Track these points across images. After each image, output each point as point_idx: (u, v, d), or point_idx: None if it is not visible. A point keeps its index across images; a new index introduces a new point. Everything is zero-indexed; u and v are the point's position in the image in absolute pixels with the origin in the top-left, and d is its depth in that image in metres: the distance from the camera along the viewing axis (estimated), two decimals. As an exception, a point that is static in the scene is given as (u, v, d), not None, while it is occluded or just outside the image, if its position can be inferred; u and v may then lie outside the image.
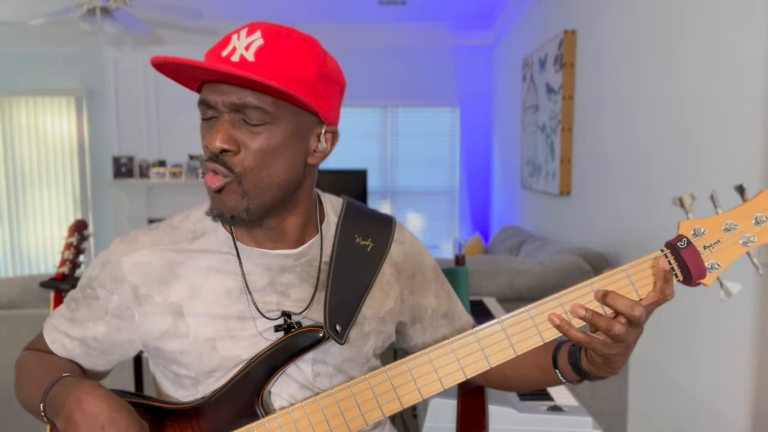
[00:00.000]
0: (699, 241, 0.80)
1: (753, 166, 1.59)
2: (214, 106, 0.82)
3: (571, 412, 1.38)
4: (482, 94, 5.61)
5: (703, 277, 0.81)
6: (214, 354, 0.89)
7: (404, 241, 1.02)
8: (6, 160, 5.56)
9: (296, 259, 0.93)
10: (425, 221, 5.83)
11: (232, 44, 0.82)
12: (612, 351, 0.80)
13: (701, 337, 1.87)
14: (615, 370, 0.84)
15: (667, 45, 2.06)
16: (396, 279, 0.99)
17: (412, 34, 5.45)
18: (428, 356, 0.83)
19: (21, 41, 5.33)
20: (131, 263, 0.91)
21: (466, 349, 0.82)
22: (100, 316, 0.93)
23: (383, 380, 0.83)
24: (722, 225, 0.80)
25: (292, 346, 0.88)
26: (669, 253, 0.81)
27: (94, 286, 0.93)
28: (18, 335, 2.30)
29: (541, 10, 3.74)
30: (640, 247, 2.29)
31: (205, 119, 0.85)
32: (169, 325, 0.89)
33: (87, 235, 1.94)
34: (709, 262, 0.80)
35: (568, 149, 3.11)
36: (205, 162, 0.84)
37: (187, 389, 0.93)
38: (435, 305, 1.04)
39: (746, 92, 1.62)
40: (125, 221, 5.49)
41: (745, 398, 1.66)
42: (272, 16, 5.93)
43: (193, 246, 0.92)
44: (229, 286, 0.90)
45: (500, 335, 0.82)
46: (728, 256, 0.80)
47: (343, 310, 0.91)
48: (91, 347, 0.95)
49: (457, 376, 0.82)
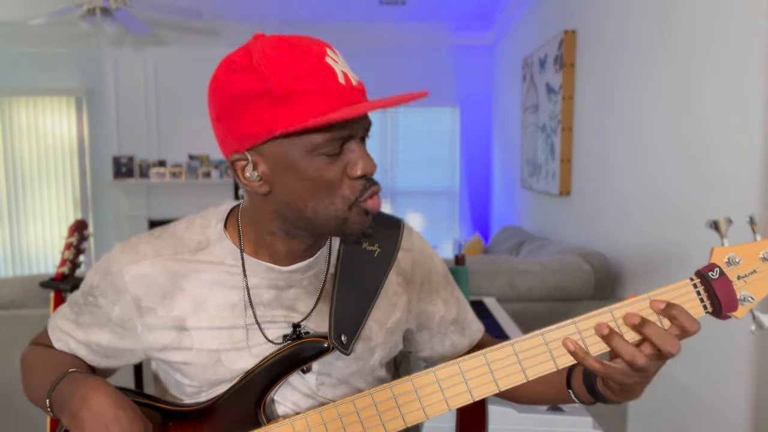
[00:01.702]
0: (733, 270, 0.74)
1: (753, 166, 1.59)
2: (352, 137, 0.79)
3: (571, 412, 1.38)
4: (482, 94, 5.61)
5: (735, 310, 0.74)
6: (219, 366, 0.88)
7: (412, 248, 0.99)
8: (6, 160, 5.56)
9: (303, 272, 0.91)
10: (425, 221, 5.82)
11: (337, 69, 0.77)
12: (630, 381, 0.75)
13: (701, 336, 1.87)
14: (633, 397, 0.80)
15: (667, 45, 2.06)
16: (404, 289, 0.97)
17: (412, 34, 5.45)
18: (435, 375, 0.79)
19: (21, 41, 5.33)
20: (133, 274, 0.88)
21: (475, 371, 0.78)
22: (103, 324, 0.92)
23: (387, 397, 0.81)
24: (760, 254, 0.74)
25: (295, 355, 0.87)
26: (699, 283, 0.75)
27: (96, 294, 0.91)
28: (18, 335, 2.30)
29: (541, 10, 3.74)
30: (640, 247, 2.29)
31: (331, 155, 0.78)
32: (173, 338, 0.89)
33: (87, 235, 1.94)
34: (742, 294, 0.74)
35: (568, 149, 3.11)
36: (370, 187, 0.81)
37: (189, 397, 0.93)
38: (443, 312, 1.01)
39: (747, 91, 1.62)
40: (125, 221, 5.49)
41: (745, 398, 1.66)
42: (272, 16, 5.92)
43: (197, 257, 0.89)
44: (234, 300, 0.88)
45: (512, 359, 0.77)
46: (763, 288, 0.74)
47: (349, 320, 0.88)
48: (96, 351, 0.95)
49: (465, 398, 0.79)
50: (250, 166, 0.79)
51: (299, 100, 0.74)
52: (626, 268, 2.41)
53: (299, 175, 0.78)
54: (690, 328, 0.72)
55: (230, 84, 0.76)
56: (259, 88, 0.74)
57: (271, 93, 0.74)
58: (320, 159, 0.77)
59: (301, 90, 0.74)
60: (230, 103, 0.77)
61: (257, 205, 0.85)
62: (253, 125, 0.76)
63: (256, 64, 0.75)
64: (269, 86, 0.74)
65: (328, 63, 0.77)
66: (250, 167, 0.79)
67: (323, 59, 0.76)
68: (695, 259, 1.88)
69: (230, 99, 0.76)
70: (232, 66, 0.77)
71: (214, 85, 0.79)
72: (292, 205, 0.81)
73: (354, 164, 0.79)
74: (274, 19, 5.14)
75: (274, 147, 0.77)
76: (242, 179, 0.81)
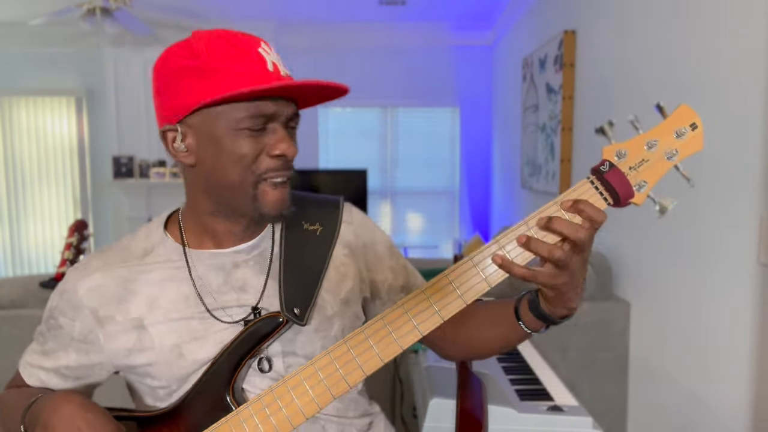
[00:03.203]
0: (623, 163, 0.81)
1: (753, 165, 1.59)
2: (275, 118, 0.86)
3: (571, 412, 1.38)
4: (482, 94, 5.61)
5: (632, 197, 0.81)
6: (182, 360, 0.90)
7: (353, 221, 1.04)
8: (6, 160, 5.56)
9: (248, 252, 0.95)
10: (425, 221, 5.83)
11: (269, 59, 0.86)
12: (558, 281, 0.79)
13: (701, 336, 1.87)
14: (569, 304, 0.84)
15: (667, 45, 2.06)
16: (351, 259, 1.01)
17: (412, 34, 5.45)
18: (383, 320, 0.84)
19: (21, 41, 5.33)
20: (86, 288, 0.92)
21: (418, 306, 0.83)
22: (67, 344, 0.95)
23: (344, 352, 0.85)
24: (644, 144, 0.81)
25: (253, 335, 0.90)
26: (595, 179, 0.81)
27: (56, 315, 0.95)
28: (18, 335, 2.30)
29: (541, 10, 3.74)
30: (640, 247, 2.29)
31: (256, 129, 0.85)
32: (134, 340, 0.91)
33: (87, 235, 1.94)
34: (637, 182, 0.80)
35: (568, 149, 3.11)
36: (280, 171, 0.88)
37: (163, 400, 0.94)
38: (391, 280, 1.05)
39: (747, 91, 1.62)
40: (125, 221, 5.48)
41: (745, 398, 1.66)
42: (272, 16, 5.92)
43: (144, 261, 0.94)
44: (185, 292, 0.92)
45: (448, 288, 0.82)
46: (654, 173, 0.81)
47: (299, 293, 0.92)
48: (66, 376, 0.96)
49: (413, 335, 0.84)
50: (179, 137, 0.86)
51: (226, 77, 0.82)
52: (626, 268, 2.41)
53: (221, 147, 0.85)
54: (597, 218, 0.78)
55: (169, 61, 0.86)
56: (192, 64, 0.83)
57: (201, 68, 0.83)
58: (242, 134, 0.84)
59: (229, 69, 0.82)
60: (166, 78, 0.86)
61: (190, 185, 0.93)
62: (184, 96, 0.84)
63: (194, 44, 0.84)
64: (201, 62, 0.83)
65: (260, 53, 0.85)
66: (179, 138, 0.86)
67: (255, 49, 0.85)
68: (696, 258, 1.88)
69: (167, 74, 0.86)
70: (173, 48, 0.87)
71: (157, 64, 0.88)
72: (214, 178, 0.88)
73: (273, 145, 0.86)
74: (274, 19, 5.15)
75: (201, 120, 0.85)
76: (171, 149, 0.89)
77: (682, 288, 1.98)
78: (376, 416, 1.06)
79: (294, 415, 0.85)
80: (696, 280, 1.89)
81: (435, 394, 1.44)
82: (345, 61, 5.46)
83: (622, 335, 2.35)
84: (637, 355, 2.32)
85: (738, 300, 1.67)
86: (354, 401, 1.01)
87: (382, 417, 1.08)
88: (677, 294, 2.01)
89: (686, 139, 0.82)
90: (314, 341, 0.94)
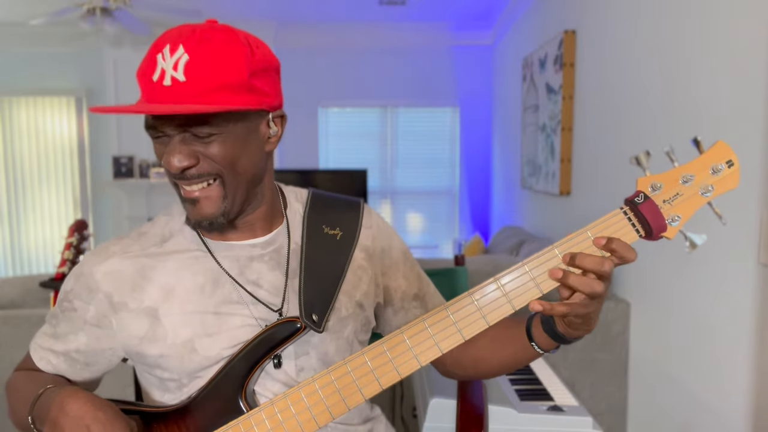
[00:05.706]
0: (657, 195, 0.80)
1: (754, 165, 1.59)
2: (162, 132, 0.85)
3: (571, 412, 1.38)
4: (482, 94, 5.61)
5: (664, 231, 0.80)
6: (194, 355, 0.89)
7: (372, 225, 1.04)
8: (6, 160, 5.56)
9: (263, 248, 0.95)
10: (425, 221, 5.82)
11: (159, 66, 0.81)
12: (590, 309, 0.80)
13: (701, 337, 1.87)
14: (592, 327, 0.85)
15: (667, 45, 2.06)
16: (368, 263, 1.01)
17: (412, 34, 5.45)
18: (403, 335, 0.84)
19: (21, 41, 5.33)
20: (103, 272, 0.92)
21: (439, 324, 0.83)
22: (80, 327, 0.94)
23: (361, 363, 0.84)
24: (679, 178, 0.80)
25: (270, 339, 0.89)
26: (628, 210, 0.80)
27: (71, 298, 0.95)
28: (18, 335, 2.30)
29: (541, 10, 3.74)
30: (640, 247, 2.28)
31: (155, 138, 0.86)
32: (147, 329, 0.90)
33: (87, 235, 1.94)
34: (670, 216, 0.79)
35: (568, 149, 3.11)
36: (176, 180, 0.87)
37: (172, 392, 0.93)
38: (405, 287, 1.05)
39: (747, 90, 1.62)
40: (125, 221, 5.48)
41: (745, 398, 1.66)
42: (272, 16, 5.92)
43: (162, 249, 0.94)
44: (201, 283, 0.91)
45: (472, 307, 0.82)
46: (688, 207, 0.80)
47: (318, 300, 0.92)
48: (76, 360, 0.96)
49: (433, 352, 0.83)
50: None
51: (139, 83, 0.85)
52: (626, 268, 2.41)
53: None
54: (629, 258, 0.78)
55: None
56: None
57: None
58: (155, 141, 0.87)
59: (138, 74, 0.85)
60: None
61: None
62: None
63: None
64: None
65: (156, 58, 0.82)
66: None
67: (155, 54, 0.83)
68: (696, 258, 1.88)
69: None
70: None
71: None
72: None
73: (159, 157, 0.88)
74: (274, 19, 5.14)
75: None
76: None
77: (682, 288, 1.98)
78: (377, 419, 1.06)
79: (307, 422, 0.85)
80: (696, 280, 1.89)
81: (435, 394, 1.44)
82: (345, 61, 5.46)
83: (622, 335, 2.35)
84: (637, 355, 2.32)
85: (738, 300, 1.67)
86: (359, 408, 1.01)
87: (383, 418, 1.08)
88: (677, 294, 2.00)
89: (722, 175, 0.80)
90: (327, 342, 0.94)
